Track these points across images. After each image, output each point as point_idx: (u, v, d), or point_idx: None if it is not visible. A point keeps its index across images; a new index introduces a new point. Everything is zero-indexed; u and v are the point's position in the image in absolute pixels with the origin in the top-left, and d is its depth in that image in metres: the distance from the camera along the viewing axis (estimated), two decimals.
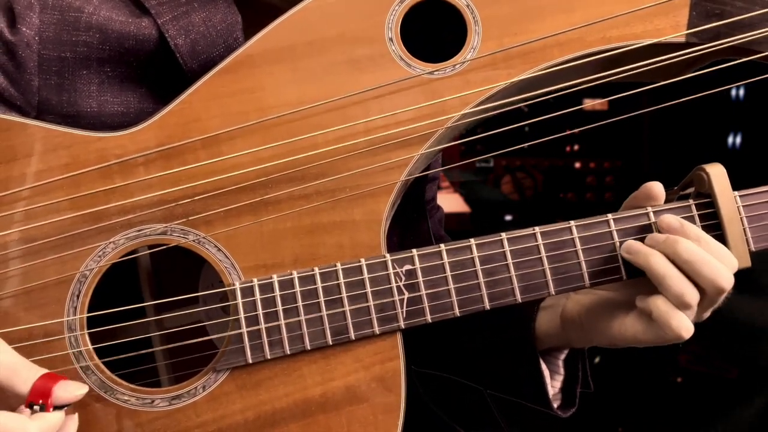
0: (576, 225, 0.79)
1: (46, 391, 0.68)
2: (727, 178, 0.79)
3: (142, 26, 0.84)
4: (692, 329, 0.77)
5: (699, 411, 2.37)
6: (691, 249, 0.76)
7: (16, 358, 0.70)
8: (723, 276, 0.76)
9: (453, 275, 0.78)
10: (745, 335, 2.38)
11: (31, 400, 0.67)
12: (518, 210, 2.76)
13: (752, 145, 2.53)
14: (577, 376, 0.93)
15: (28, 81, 0.83)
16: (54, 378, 0.69)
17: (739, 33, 0.78)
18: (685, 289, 0.76)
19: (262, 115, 0.79)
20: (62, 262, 0.77)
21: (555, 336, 0.90)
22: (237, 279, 0.78)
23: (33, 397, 0.67)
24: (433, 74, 0.79)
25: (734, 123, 2.54)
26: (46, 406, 0.68)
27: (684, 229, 0.78)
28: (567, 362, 0.93)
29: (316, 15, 0.80)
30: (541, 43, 0.79)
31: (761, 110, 2.49)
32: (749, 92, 2.52)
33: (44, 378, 0.69)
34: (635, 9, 0.79)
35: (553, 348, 0.92)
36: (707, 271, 0.76)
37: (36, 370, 0.69)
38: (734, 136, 2.56)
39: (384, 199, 0.79)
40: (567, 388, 0.94)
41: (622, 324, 0.81)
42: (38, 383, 0.68)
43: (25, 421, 0.66)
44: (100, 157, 0.78)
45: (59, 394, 0.69)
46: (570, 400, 0.93)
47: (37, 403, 0.67)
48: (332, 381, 0.78)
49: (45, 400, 0.68)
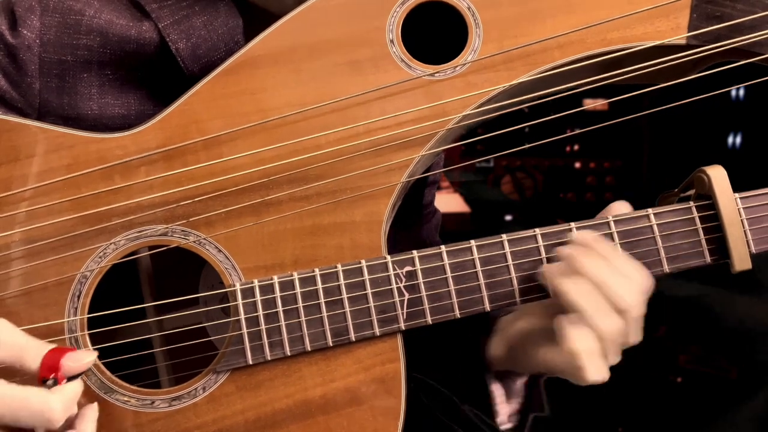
0: (576, 226, 0.79)
1: (55, 364, 0.68)
2: (728, 180, 0.79)
3: (143, 30, 0.84)
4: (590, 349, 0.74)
5: (699, 411, 2.38)
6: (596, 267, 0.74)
7: (23, 337, 0.70)
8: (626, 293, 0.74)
9: (453, 276, 0.78)
10: (745, 335, 2.38)
11: (43, 375, 0.68)
12: (518, 210, 2.75)
13: (752, 145, 2.53)
14: (532, 401, 0.91)
15: (29, 84, 0.83)
16: (61, 351, 0.70)
17: (739, 35, 0.78)
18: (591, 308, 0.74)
19: (263, 117, 0.79)
20: (63, 263, 0.78)
21: (504, 360, 0.89)
22: (237, 280, 0.78)
23: (44, 373, 0.68)
24: (434, 76, 0.80)
25: (734, 123, 2.54)
26: (58, 380, 0.68)
27: (596, 246, 0.76)
28: (528, 386, 0.92)
29: (318, 17, 0.80)
30: (541, 45, 0.79)
31: (761, 110, 2.49)
32: (749, 92, 2.52)
33: (52, 352, 0.69)
34: (636, 11, 0.79)
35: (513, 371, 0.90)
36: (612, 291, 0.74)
37: (43, 346, 0.70)
38: (734, 136, 2.56)
39: (385, 201, 0.79)
40: (525, 412, 0.92)
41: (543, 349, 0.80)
42: (46, 358, 0.69)
43: (45, 395, 0.66)
44: (102, 158, 0.78)
45: (68, 365, 0.69)
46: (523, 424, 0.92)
47: (49, 378, 0.68)
48: (332, 382, 0.79)
49: (56, 373, 0.68)
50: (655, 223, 0.79)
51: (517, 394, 0.91)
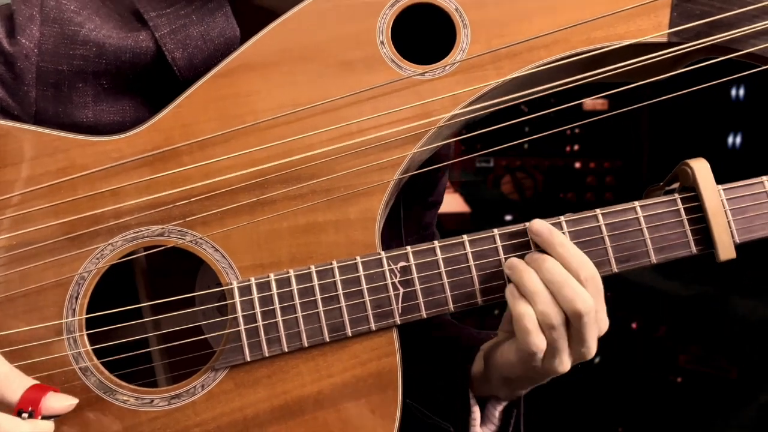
0: (566, 220, 0.80)
1: (35, 399, 0.69)
2: (711, 172, 0.80)
3: (139, 39, 0.84)
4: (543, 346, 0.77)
5: (699, 411, 2.38)
6: (553, 270, 0.76)
7: (7, 368, 0.71)
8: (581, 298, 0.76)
9: (447, 271, 0.79)
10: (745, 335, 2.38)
11: (21, 407, 0.68)
12: (518, 210, 2.75)
13: (752, 145, 2.53)
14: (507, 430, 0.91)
15: (25, 92, 0.83)
16: (44, 389, 0.71)
17: (718, 32, 0.79)
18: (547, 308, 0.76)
19: (256, 118, 0.80)
20: (60, 265, 0.78)
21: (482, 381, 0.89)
22: (234, 279, 0.79)
23: (22, 405, 0.69)
24: (423, 76, 0.81)
25: (734, 123, 2.54)
26: (35, 413, 0.69)
27: (552, 237, 0.78)
28: (504, 414, 0.92)
29: (309, 19, 0.81)
30: (527, 44, 0.81)
31: (761, 110, 2.49)
32: (749, 92, 2.52)
33: (34, 388, 0.70)
34: (618, 10, 0.80)
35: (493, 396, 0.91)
36: (567, 292, 0.76)
37: (27, 381, 0.71)
38: (734, 136, 2.56)
39: (378, 198, 0.81)
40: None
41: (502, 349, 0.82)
42: (28, 393, 0.69)
43: (19, 423, 0.67)
44: (98, 161, 0.79)
45: (48, 404, 0.70)
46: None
47: (26, 411, 0.68)
48: (330, 378, 0.80)
49: (34, 407, 0.69)
50: (642, 215, 0.80)
51: (491, 421, 0.91)
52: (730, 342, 2.44)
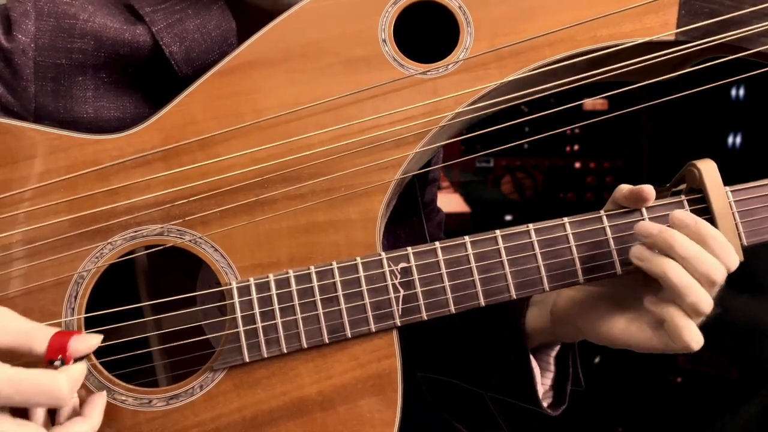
0: (569, 221, 0.80)
1: (62, 345, 0.70)
2: (718, 173, 0.79)
3: (136, 33, 0.84)
4: (702, 342, 0.76)
5: (699, 411, 2.37)
6: (687, 245, 0.75)
7: (27, 322, 0.71)
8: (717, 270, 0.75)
9: (448, 272, 0.79)
10: (745, 335, 2.38)
11: (50, 356, 0.69)
12: (518, 210, 2.76)
13: (752, 145, 2.53)
14: (567, 373, 0.92)
15: (24, 87, 0.83)
16: (67, 334, 0.71)
17: (727, 31, 0.78)
18: (701, 299, 0.75)
19: (257, 117, 0.79)
20: (60, 264, 0.78)
21: (545, 332, 0.90)
22: (234, 279, 0.78)
23: (51, 354, 0.69)
24: (426, 74, 0.80)
25: (734, 123, 2.54)
26: (66, 360, 0.69)
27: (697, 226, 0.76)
28: (558, 359, 0.93)
29: (311, 17, 0.81)
30: (532, 42, 0.80)
31: (761, 110, 2.49)
32: (749, 92, 2.52)
33: (58, 335, 0.70)
34: (624, 8, 0.80)
35: (544, 344, 0.92)
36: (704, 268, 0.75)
37: (49, 330, 0.71)
38: (734, 136, 2.56)
39: (379, 198, 0.80)
40: (558, 386, 0.93)
41: (628, 328, 0.81)
42: (53, 341, 0.70)
43: (54, 374, 0.67)
44: (98, 159, 0.79)
45: (75, 346, 0.70)
46: (560, 398, 0.93)
47: (56, 359, 0.69)
48: (329, 379, 0.79)
49: (63, 354, 0.69)
50: (648, 218, 0.80)
51: (548, 370, 0.92)
52: (730, 342, 2.43)
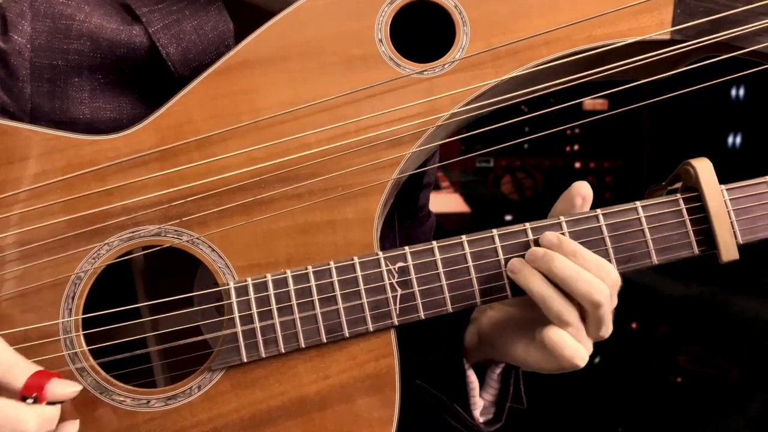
0: (565, 220, 0.80)
1: (39, 385, 0.69)
2: (714, 171, 0.79)
3: (133, 34, 0.84)
4: (586, 357, 0.77)
5: (699, 411, 2.38)
6: (564, 265, 0.76)
7: (13, 355, 0.71)
8: (596, 289, 0.76)
9: (445, 272, 0.79)
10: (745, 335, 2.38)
11: (25, 393, 0.68)
12: (518, 210, 2.76)
13: (752, 145, 2.53)
14: (508, 392, 0.92)
15: (20, 88, 0.83)
16: (48, 375, 0.70)
17: (722, 30, 0.79)
18: (562, 308, 0.76)
19: (255, 116, 0.79)
20: (57, 265, 0.78)
21: (476, 350, 0.90)
22: (231, 279, 0.78)
23: (26, 391, 0.68)
24: (422, 74, 0.80)
25: (734, 123, 2.54)
26: (39, 399, 0.68)
27: (562, 246, 0.77)
28: (502, 376, 0.92)
29: (307, 17, 0.81)
30: (528, 42, 0.80)
31: (761, 110, 2.49)
32: (749, 92, 2.53)
33: (38, 374, 0.70)
34: (620, 7, 0.80)
35: (491, 360, 0.91)
36: (581, 286, 0.75)
37: (31, 367, 0.70)
38: (734, 136, 2.56)
39: (376, 198, 0.80)
40: (499, 403, 0.93)
41: (527, 351, 0.82)
42: (32, 379, 0.69)
43: (24, 408, 0.67)
44: (94, 160, 0.79)
45: (52, 389, 0.70)
46: (499, 415, 0.92)
47: (30, 396, 0.68)
48: (327, 379, 0.79)
49: (38, 393, 0.68)
50: (643, 216, 0.80)
51: (490, 386, 0.91)
52: (730, 342, 2.44)
